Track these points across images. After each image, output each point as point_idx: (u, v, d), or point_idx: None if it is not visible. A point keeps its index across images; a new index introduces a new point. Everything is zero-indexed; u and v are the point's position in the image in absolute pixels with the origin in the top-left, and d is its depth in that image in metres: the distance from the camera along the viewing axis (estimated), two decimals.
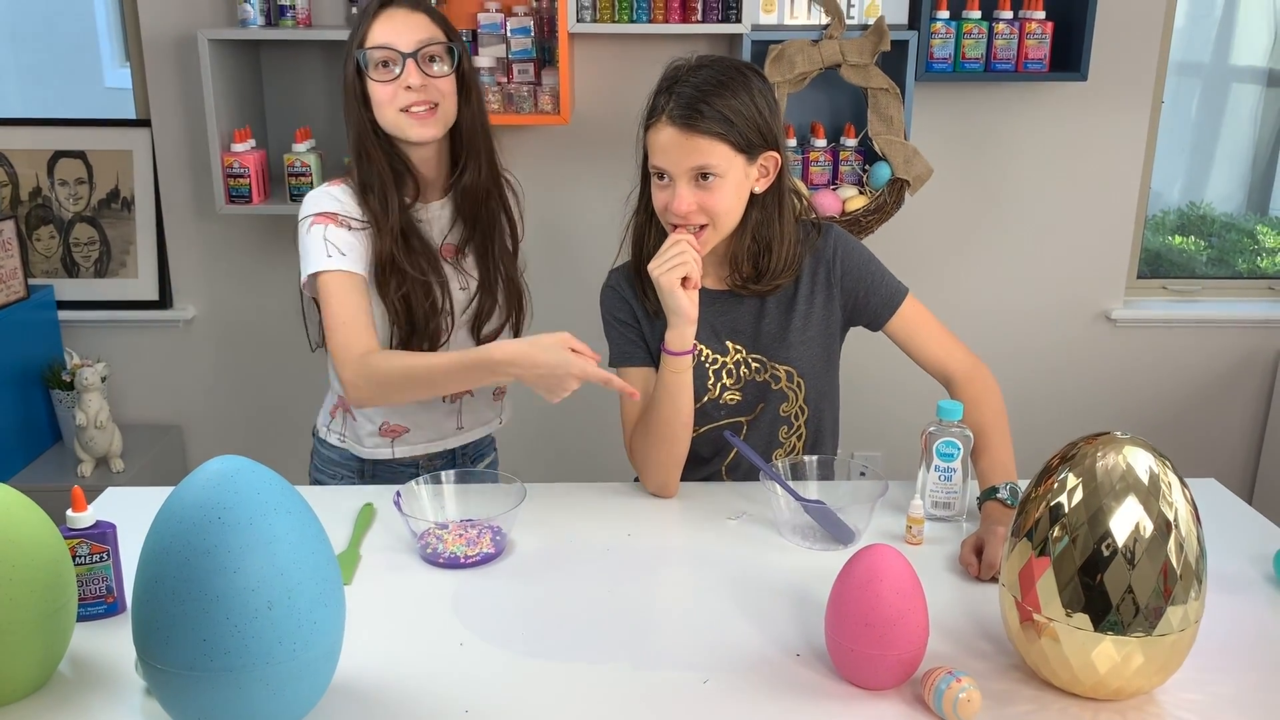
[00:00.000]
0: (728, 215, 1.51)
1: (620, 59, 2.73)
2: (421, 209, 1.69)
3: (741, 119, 1.46)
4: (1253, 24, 3.74)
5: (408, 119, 1.59)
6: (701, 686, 1.13)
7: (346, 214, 1.62)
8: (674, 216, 1.49)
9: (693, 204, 1.48)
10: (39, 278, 2.87)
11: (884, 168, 2.61)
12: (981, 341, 1.68)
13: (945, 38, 2.62)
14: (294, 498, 1.03)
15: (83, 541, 1.23)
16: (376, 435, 1.75)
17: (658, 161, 1.49)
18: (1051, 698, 1.12)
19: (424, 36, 1.59)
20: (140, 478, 2.68)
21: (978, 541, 1.37)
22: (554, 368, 1.45)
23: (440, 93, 1.61)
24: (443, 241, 1.71)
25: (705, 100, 1.45)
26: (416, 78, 1.58)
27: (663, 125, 1.47)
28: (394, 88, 1.58)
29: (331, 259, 1.58)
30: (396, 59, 1.58)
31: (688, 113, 1.45)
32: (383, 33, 1.59)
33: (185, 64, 2.71)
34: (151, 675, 1.00)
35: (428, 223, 1.70)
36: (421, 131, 1.60)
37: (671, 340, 1.52)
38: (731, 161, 1.47)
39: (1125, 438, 1.09)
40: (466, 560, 1.38)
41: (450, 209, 1.71)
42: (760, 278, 1.58)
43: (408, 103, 1.58)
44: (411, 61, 1.58)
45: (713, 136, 1.45)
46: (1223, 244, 3.55)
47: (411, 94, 1.58)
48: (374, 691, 1.12)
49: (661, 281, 1.48)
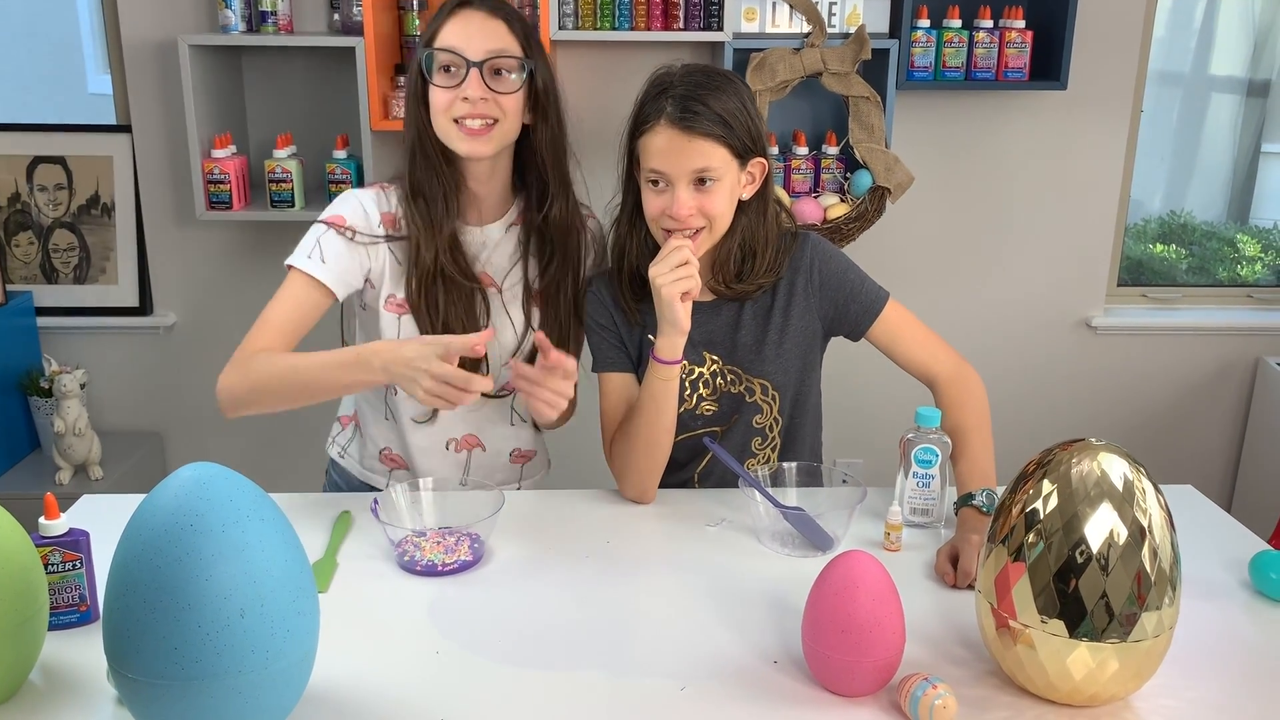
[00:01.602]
0: (723, 219, 1.51)
1: (602, 66, 2.73)
2: (473, 230, 1.60)
3: (737, 122, 1.46)
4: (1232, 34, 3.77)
5: (458, 131, 1.49)
6: (678, 693, 1.13)
7: (356, 224, 1.56)
8: (671, 221, 1.48)
9: (692, 207, 1.47)
10: (17, 284, 2.85)
11: (865, 176, 2.62)
12: (961, 348, 1.68)
13: (926, 46, 2.64)
14: (267, 505, 1.02)
15: (55, 549, 1.21)
16: (376, 460, 1.71)
17: (656, 165, 1.47)
18: (1027, 704, 1.12)
19: (496, 47, 1.49)
20: (119, 485, 2.66)
21: (952, 550, 1.38)
22: (412, 361, 1.35)
23: (501, 109, 1.49)
24: (509, 270, 1.61)
25: (703, 102, 1.44)
26: (477, 89, 1.47)
27: (661, 129, 1.45)
28: (452, 95, 1.48)
29: (310, 260, 1.53)
30: (461, 66, 1.47)
31: (687, 115, 1.44)
32: (453, 35, 1.49)
33: (166, 69, 2.69)
34: (122, 684, 0.99)
35: (480, 245, 1.60)
36: (470, 147, 1.50)
37: (662, 349, 1.51)
38: (729, 165, 1.47)
39: (1100, 444, 1.10)
40: (444, 568, 1.37)
41: (518, 238, 1.62)
42: (742, 280, 1.58)
43: (462, 114, 1.48)
44: (475, 72, 1.47)
45: (713, 139, 1.45)
46: (1203, 252, 3.58)
47: (467, 105, 1.47)
48: (349, 700, 1.11)
49: (664, 292, 1.45)
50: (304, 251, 1.54)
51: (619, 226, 1.60)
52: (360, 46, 2.48)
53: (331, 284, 1.53)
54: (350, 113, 2.68)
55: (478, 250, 1.61)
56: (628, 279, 1.60)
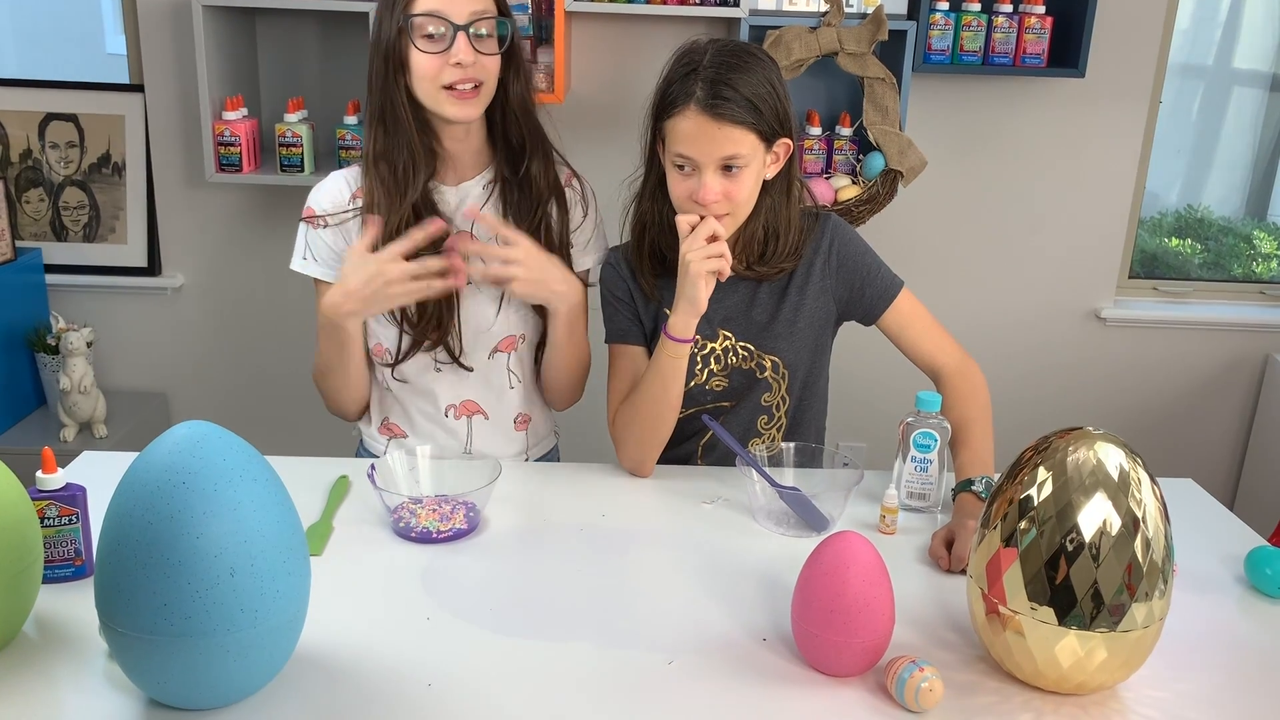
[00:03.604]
0: (748, 203, 1.50)
1: (617, 39, 2.71)
2: (448, 190, 1.59)
3: (766, 106, 1.44)
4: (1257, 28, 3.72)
5: (448, 96, 1.48)
6: (666, 668, 1.13)
7: (324, 208, 1.58)
8: (697, 207, 1.47)
9: (719, 193, 1.45)
10: (27, 240, 2.86)
11: (878, 158, 2.60)
12: (968, 335, 1.68)
13: (944, 29, 2.61)
14: (261, 465, 1.02)
15: (51, 503, 1.22)
16: (375, 431, 1.71)
17: (683, 150, 1.45)
18: (1015, 690, 1.12)
19: (478, 8, 1.47)
20: (123, 444, 2.67)
21: (948, 534, 1.37)
22: (368, 281, 1.42)
23: (486, 71, 1.49)
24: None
25: (733, 87, 1.42)
26: (468, 54, 1.45)
27: (689, 114, 1.43)
28: (440, 61, 1.46)
29: (305, 261, 1.60)
30: (447, 30, 1.45)
31: (717, 100, 1.41)
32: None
33: (180, 30, 2.69)
34: (113, 639, 1.00)
35: (459, 204, 1.59)
36: (461, 111, 1.49)
37: (676, 326, 1.50)
38: (756, 150, 1.45)
39: (1098, 433, 1.09)
40: (439, 536, 1.38)
41: (496, 194, 1.60)
42: (766, 262, 1.57)
43: (452, 80, 1.46)
44: (463, 35, 1.45)
45: (744, 126, 1.42)
46: (1219, 247, 3.55)
47: (459, 71, 1.46)
48: (337, 662, 1.12)
49: (694, 269, 1.44)
50: (298, 253, 1.61)
51: (640, 201, 1.59)
52: (373, 11, 2.46)
53: (329, 277, 1.57)
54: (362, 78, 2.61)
55: (455, 210, 1.59)
56: (647, 253, 1.59)
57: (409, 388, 1.65)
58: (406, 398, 1.66)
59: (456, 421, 1.67)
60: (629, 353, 1.63)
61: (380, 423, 1.70)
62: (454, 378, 1.64)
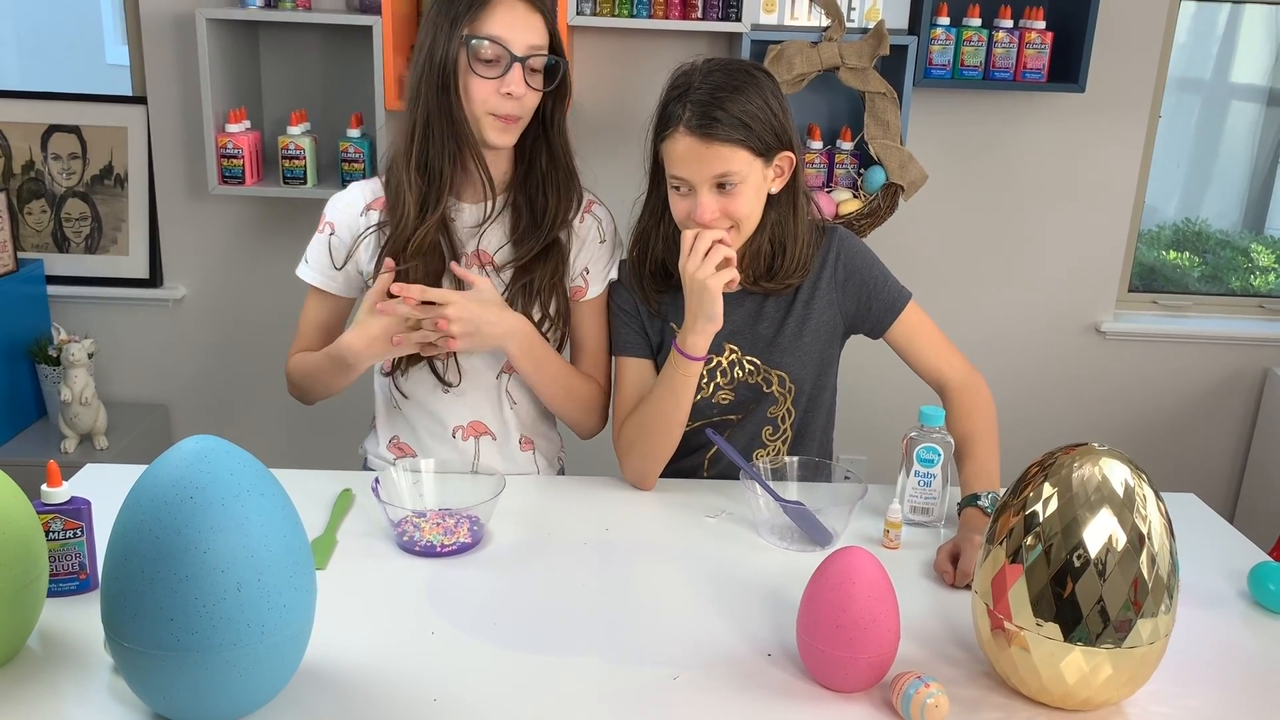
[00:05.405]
0: (750, 218, 1.50)
1: (619, 54, 2.72)
2: (466, 208, 1.59)
3: (758, 122, 1.45)
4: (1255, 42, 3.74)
5: (492, 122, 1.49)
6: (671, 683, 1.13)
7: (337, 220, 1.60)
8: (695, 225, 1.47)
9: (716, 211, 1.46)
10: (29, 251, 2.86)
11: (879, 172, 2.61)
12: (968, 349, 1.68)
13: (945, 44, 2.62)
14: (268, 480, 1.02)
15: (56, 517, 1.22)
16: (384, 450, 1.70)
17: (677, 171, 1.46)
18: (1020, 706, 1.12)
19: (535, 42, 1.49)
20: (124, 455, 2.67)
21: (954, 548, 1.37)
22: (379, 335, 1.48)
23: (527, 108, 1.51)
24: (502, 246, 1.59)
25: (721, 106, 1.43)
26: (519, 86, 1.47)
27: (680, 135, 1.44)
28: (492, 87, 1.47)
29: (308, 266, 1.63)
30: (505, 59, 1.47)
31: (705, 121, 1.42)
32: (500, 24, 1.46)
33: (183, 42, 2.70)
34: (119, 653, 0.99)
35: (477, 223, 1.59)
36: (501, 138, 1.51)
37: (692, 344, 1.49)
38: (751, 165, 1.46)
39: (1103, 449, 1.09)
40: (443, 549, 1.38)
41: (508, 216, 1.60)
42: (773, 277, 1.57)
43: (502, 109, 1.48)
44: (518, 67, 1.47)
45: (732, 144, 1.43)
46: (1217, 261, 3.56)
47: (509, 102, 1.48)
48: (342, 676, 1.12)
49: (710, 284, 1.44)
50: (306, 258, 1.63)
51: (644, 218, 1.60)
52: (378, 25, 2.48)
53: (332, 287, 1.63)
54: (365, 92, 2.68)
55: (472, 230, 1.59)
56: (650, 270, 1.60)
57: (418, 408, 1.65)
58: (415, 416, 1.66)
59: (464, 443, 1.66)
60: (634, 365, 1.63)
61: (389, 440, 1.70)
62: (462, 399, 1.64)
